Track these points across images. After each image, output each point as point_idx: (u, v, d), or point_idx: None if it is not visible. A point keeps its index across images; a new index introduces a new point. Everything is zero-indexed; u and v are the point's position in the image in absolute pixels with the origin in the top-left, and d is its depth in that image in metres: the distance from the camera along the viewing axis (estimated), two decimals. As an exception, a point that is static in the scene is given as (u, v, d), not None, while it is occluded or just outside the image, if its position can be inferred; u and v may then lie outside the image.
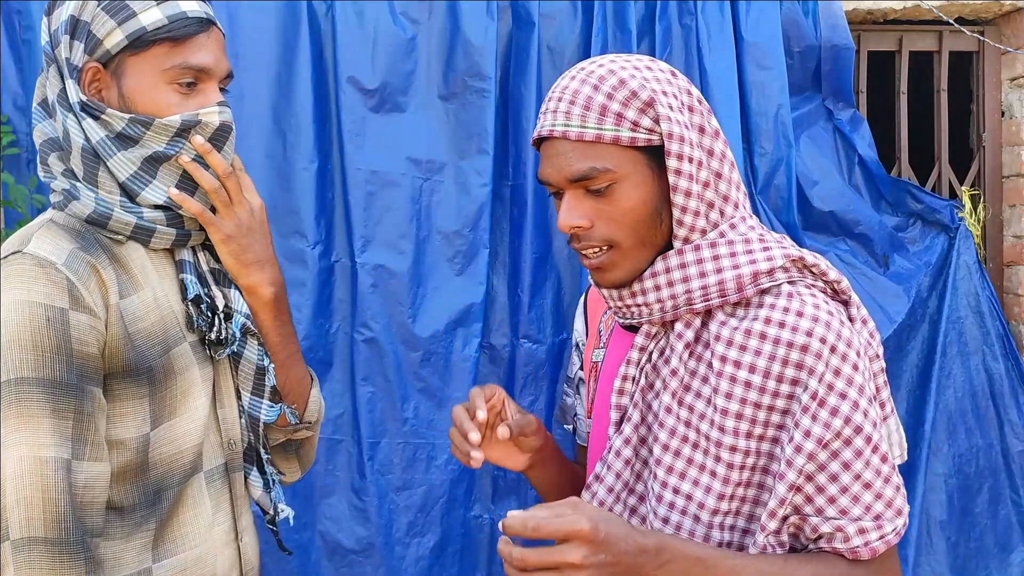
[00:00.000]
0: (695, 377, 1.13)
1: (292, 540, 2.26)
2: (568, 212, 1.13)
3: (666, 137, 1.10)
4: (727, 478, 1.10)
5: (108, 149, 1.20)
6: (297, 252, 2.26)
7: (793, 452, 1.06)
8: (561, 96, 1.14)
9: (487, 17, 2.32)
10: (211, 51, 1.23)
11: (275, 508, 1.36)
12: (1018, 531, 2.58)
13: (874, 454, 1.07)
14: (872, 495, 1.07)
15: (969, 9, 2.64)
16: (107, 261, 1.17)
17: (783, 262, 1.12)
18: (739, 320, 1.12)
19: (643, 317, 1.17)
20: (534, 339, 2.37)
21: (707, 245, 1.13)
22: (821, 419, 1.05)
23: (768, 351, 1.08)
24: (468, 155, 2.34)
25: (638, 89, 1.11)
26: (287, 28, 2.27)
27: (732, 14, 2.42)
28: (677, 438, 1.13)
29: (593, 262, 1.15)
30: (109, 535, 1.15)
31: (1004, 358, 2.59)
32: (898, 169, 2.71)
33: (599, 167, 1.10)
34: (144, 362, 1.16)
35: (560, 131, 1.12)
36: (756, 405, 1.08)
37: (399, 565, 2.22)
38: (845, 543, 1.06)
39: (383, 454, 2.26)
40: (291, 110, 2.27)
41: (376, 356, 2.27)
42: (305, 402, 1.39)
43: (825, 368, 1.06)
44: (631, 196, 1.11)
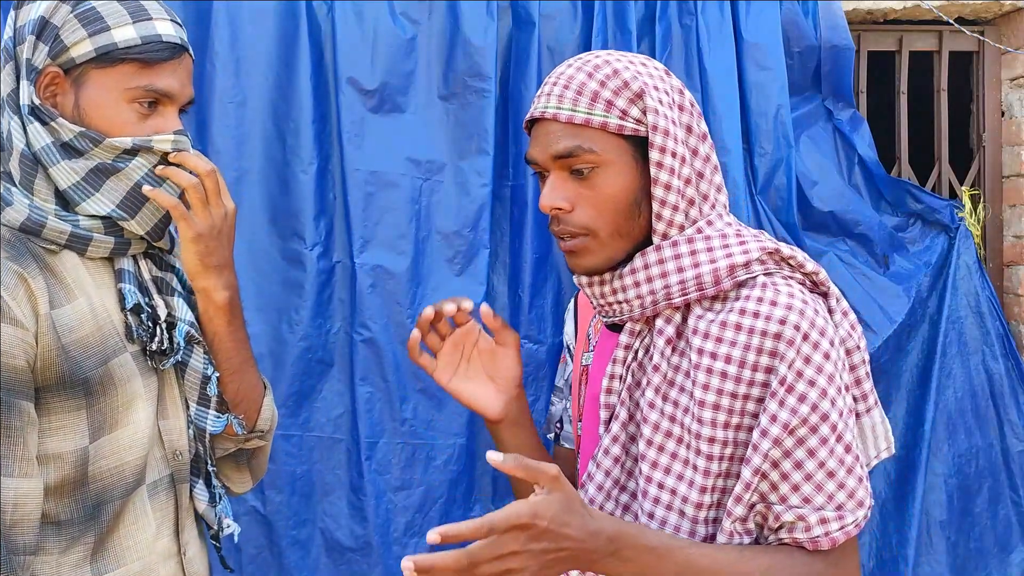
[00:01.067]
0: (678, 372, 1.15)
1: (292, 536, 2.26)
2: (551, 192, 1.16)
3: (651, 129, 1.14)
4: (707, 470, 1.10)
5: (52, 156, 1.17)
6: (296, 254, 2.26)
7: (759, 437, 1.07)
8: (556, 81, 1.17)
9: (487, 17, 2.32)
10: (178, 78, 1.21)
11: (220, 523, 1.33)
12: (1018, 531, 2.58)
13: (838, 443, 1.08)
14: (835, 484, 1.08)
15: (969, 9, 2.64)
16: (37, 270, 1.13)
17: (759, 255, 1.15)
18: (716, 313, 1.14)
19: (624, 315, 1.19)
20: (534, 339, 2.36)
21: (684, 241, 1.15)
22: (788, 405, 1.07)
23: (743, 341, 1.10)
24: (468, 155, 2.34)
25: (630, 80, 1.15)
26: (287, 30, 2.26)
27: (732, 14, 2.42)
28: (661, 433, 1.14)
29: (568, 245, 1.17)
30: (45, 550, 1.12)
31: (1004, 358, 2.59)
32: (898, 169, 2.71)
33: (584, 147, 1.13)
34: (79, 373, 1.13)
35: (551, 113, 1.15)
36: (732, 395, 1.10)
37: (396, 565, 2.22)
38: (806, 532, 1.08)
39: (381, 454, 2.26)
40: (290, 112, 2.26)
41: (375, 356, 2.27)
42: (257, 410, 1.35)
43: (796, 355, 1.08)
44: (613, 183, 1.14)
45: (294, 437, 2.27)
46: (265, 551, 2.25)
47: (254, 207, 2.25)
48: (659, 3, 2.40)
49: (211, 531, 1.34)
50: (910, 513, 2.49)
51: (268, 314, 2.26)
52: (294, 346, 2.27)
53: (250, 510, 2.23)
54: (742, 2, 2.42)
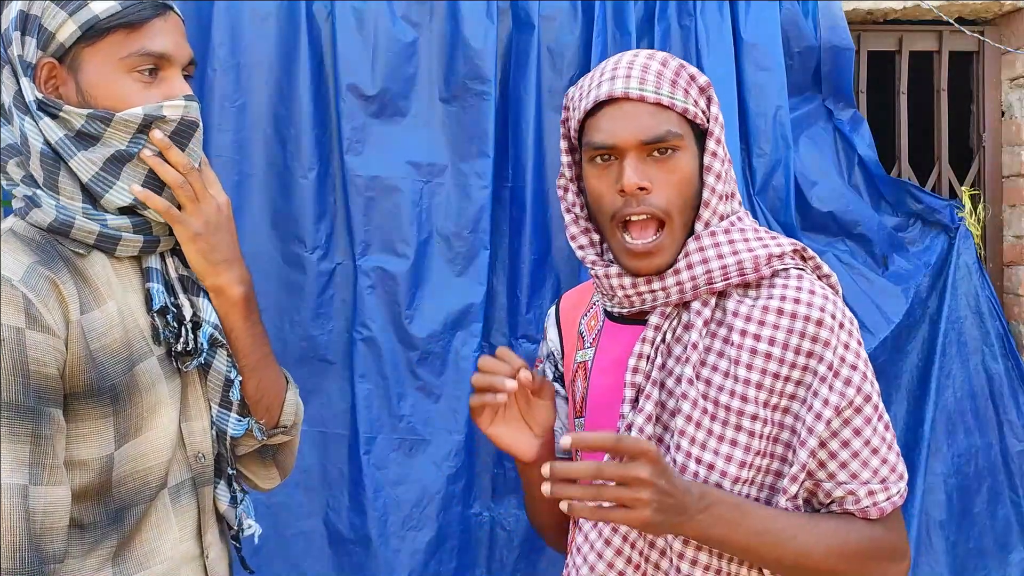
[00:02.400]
0: (711, 352, 1.19)
1: (297, 528, 2.31)
2: (634, 171, 1.16)
3: (713, 120, 1.21)
4: (748, 446, 1.15)
5: (68, 149, 1.15)
6: (296, 257, 2.30)
7: (814, 420, 1.14)
8: (631, 65, 1.20)
9: (487, 20, 2.34)
10: (169, 36, 1.18)
11: (240, 523, 1.32)
12: (1017, 531, 2.58)
13: (879, 421, 1.17)
14: (879, 460, 1.16)
15: (969, 9, 2.64)
16: (68, 275, 1.11)
17: (790, 249, 1.24)
18: (753, 300, 1.19)
19: (657, 302, 1.22)
20: (533, 339, 2.38)
21: (722, 231, 1.21)
22: (836, 389, 1.14)
23: (786, 325, 1.16)
24: (468, 157, 2.36)
25: (695, 75, 1.24)
26: (286, 33, 2.29)
27: (731, 15, 2.43)
28: (698, 409, 1.17)
29: (646, 245, 1.18)
30: (68, 553, 1.10)
31: (1004, 358, 2.59)
32: (898, 169, 2.72)
33: (674, 131, 1.17)
34: (106, 380, 1.11)
35: (637, 93, 1.17)
36: (775, 376, 1.16)
37: (394, 557, 2.26)
38: (856, 504, 1.16)
39: (380, 449, 2.29)
40: (291, 117, 2.29)
41: (374, 354, 2.30)
42: (280, 405, 1.34)
43: (837, 341, 1.16)
44: (687, 166, 1.20)
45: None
46: (270, 542, 2.28)
47: (255, 210, 2.28)
48: (658, 4, 2.42)
49: (232, 531, 1.32)
50: (910, 513, 2.49)
51: (270, 315, 2.29)
52: (295, 345, 2.31)
53: (254, 502, 2.24)
54: (741, 2, 2.43)
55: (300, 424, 1.40)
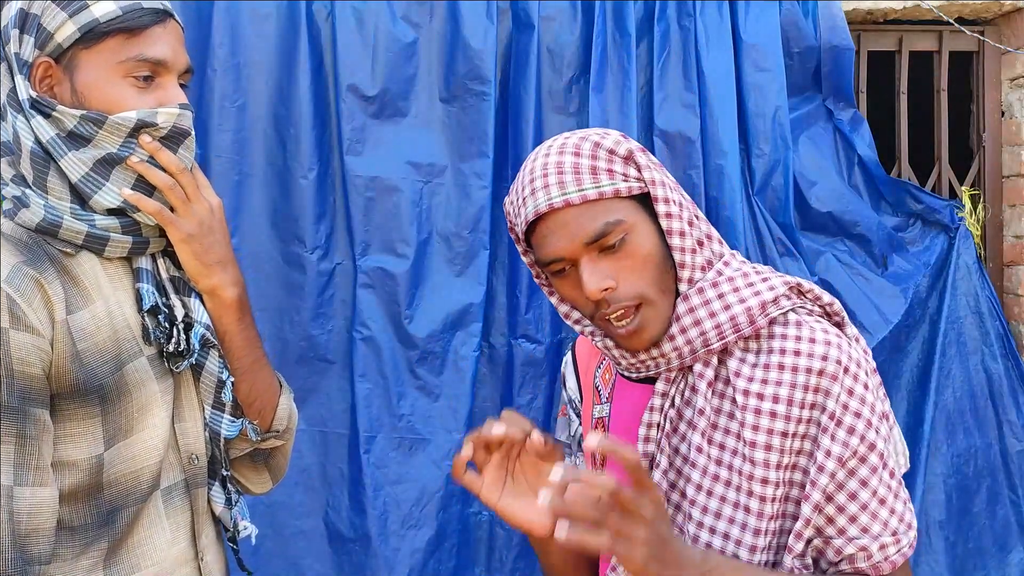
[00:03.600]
0: (720, 415, 1.15)
1: (296, 527, 2.32)
2: (593, 277, 1.12)
3: (650, 184, 1.14)
4: (761, 512, 1.11)
5: (59, 149, 1.14)
6: (296, 257, 2.30)
7: (817, 472, 1.09)
8: (545, 172, 1.14)
9: (487, 20, 2.35)
10: (168, 43, 1.17)
11: (236, 525, 1.30)
12: (1016, 531, 2.58)
13: (885, 470, 1.12)
14: (887, 511, 1.11)
15: (969, 9, 2.64)
16: (54, 275, 1.10)
17: (783, 290, 1.16)
18: (755, 355, 1.15)
19: (660, 368, 1.18)
20: (532, 339, 2.39)
21: (709, 286, 1.16)
22: (839, 439, 1.09)
23: (788, 380, 1.12)
24: (468, 158, 2.37)
25: (613, 147, 1.15)
26: (287, 34, 2.30)
27: (731, 15, 2.43)
28: (709, 477, 1.14)
29: (630, 327, 1.13)
30: (58, 555, 1.09)
31: (1003, 358, 2.59)
32: (898, 169, 2.72)
33: (612, 220, 1.11)
34: (94, 380, 1.10)
35: (560, 201, 1.12)
36: (783, 434, 1.11)
37: (394, 556, 2.26)
38: (868, 561, 1.10)
39: (379, 448, 2.30)
40: (291, 117, 2.30)
41: (374, 354, 2.31)
42: (273, 410, 1.32)
43: (840, 388, 1.11)
44: (643, 243, 1.13)
45: (297, 432, 2.29)
46: (270, 541, 2.29)
47: (255, 211, 2.29)
48: (658, 4, 2.42)
49: (228, 533, 1.31)
50: (909, 513, 2.49)
51: (270, 315, 2.31)
52: (296, 345, 2.31)
53: (255, 501, 2.27)
54: (741, 3, 2.43)
55: (294, 429, 1.38)
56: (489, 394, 2.39)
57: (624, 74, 2.37)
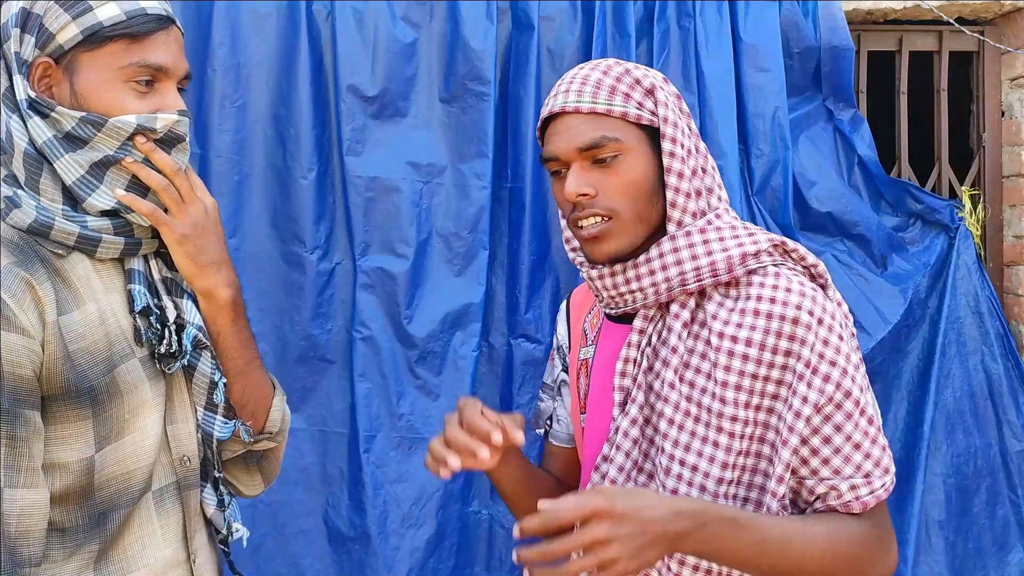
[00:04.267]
0: (693, 355, 1.20)
1: (296, 526, 2.32)
2: (575, 180, 1.19)
3: (662, 121, 1.22)
4: (729, 447, 1.16)
5: (55, 150, 1.14)
6: (296, 257, 2.31)
7: (794, 418, 1.14)
8: (571, 80, 1.23)
9: (487, 20, 2.35)
10: (170, 50, 1.18)
11: (229, 528, 1.29)
12: (1016, 531, 2.58)
13: (862, 416, 1.17)
14: (861, 455, 1.16)
15: (969, 9, 2.64)
16: (45, 276, 1.09)
17: (767, 245, 1.21)
18: (733, 300, 1.20)
19: (637, 303, 1.23)
20: (532, 338, 2.40)
21: (697, 231, 1.21)
22: (815, 386, 1.14)
23: (762, 325, 1.16)
24: (468, 158, 2.37)
25: (641, 78, 1.23)
26: (287, 34, 2.31)
27: (731, 16, 2.44)
28: (680, 412, 1.18)
29: (592, 231, 1.20)
30: (48, 557, 1.09)
31: (1003, 358, 2.59)
32: (898, 169, 2.72)
33: (609, 136, 1.19)
34: (85, 382, 1.09)
35: (572, 106, 1.21)
36: (753, 376, 1.16)
37: (393, 555, 2.27)
38: (838, 499, 1.15)
39: (379, 447, 2.31)
40: (291, 118, 2.31)
41: (373, 353, 2.31)
42: (266, 411, 1.31)
43: (815, 338, 1.15)
44: (634, 168, 1.20)
45: (297, 431, 2.32)
46: (270, 540, 2.30)
47: (255, 211, 2.30)
48: (657, 4, 2.42)
49: (220, 536, 1.30)
50: (909, 513, 2.49)
51: (270, 314, 2.31)
52: (296, 345, 2.32)
53: (255, 501, 2.28)
54: (740, 3, 2.43)
55: (287, 431, 1.37)
56: (488, 393, 2.40)
57: (624, 74, 2.37)
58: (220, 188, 2.27)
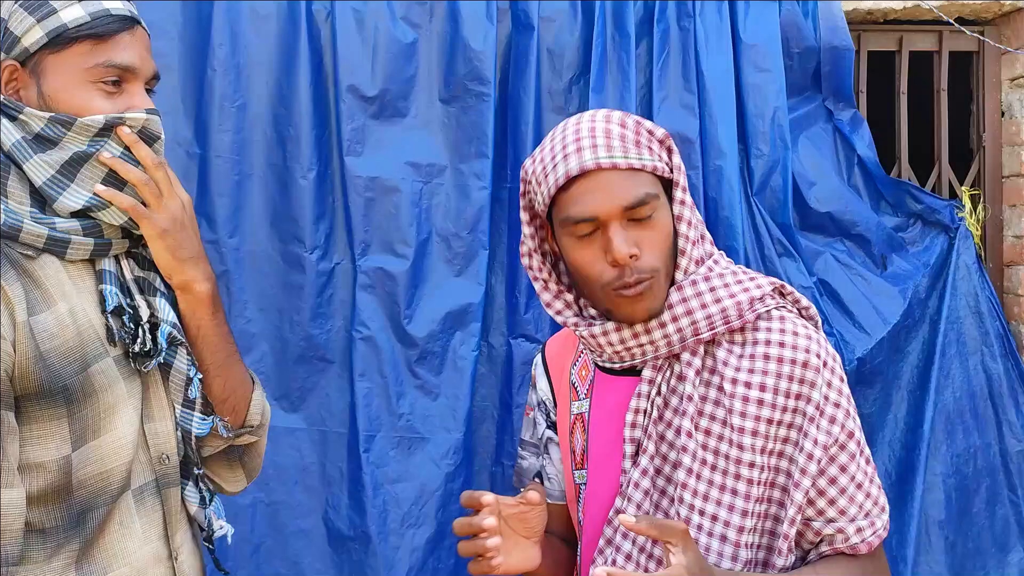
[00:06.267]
0: (707, 402, 1.20)
1: (296, 526, 2.32)
2: (623, 242, 1.15)
3: (676, 170, 1.22)
4: (748, 494, 1.17)
5: (25, 152, 1.14)
6: (295, 257, 2.31)
7: (806, 460, 1.16)
8: (594, 134, 1.18)
9: (487, 20, 2.35)
10: (135, 50, 1.19)
11: (211, 525, 1.30)
12: (1016, 531, 2.58)
13: (861, 456, 1.20)
14: (863, 495, 1.19)
15: (969, 9, 2.64)
16: (14, 277, 1.10)
17: (769, 289, 1.24)
18: (740, 346, 1.21)
19: (646, 356, 1.22)
20: (531, 338, 2.40)
21: (701, 279, 1.22)
22: (823, 427, 1.17)
23: (774, 370, 1.18)
24: (468, 158, 2.37)
25: (653, 129, 1.22)
26: (286, 34, 2.31)
27: (730, 16, 2.43)
28: (698, 461, 1.19)
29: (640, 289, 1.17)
30: (30, 558, 1.09)
31: (1003, 358, 2.59)
32: (898, 169, 2.72)
33: (651, 192, 1.17)
34: (58, 381, 1.10)
35: (608, 162, 1.16)
36: (768, 421, 1.17)
37: (393, 555, 2.27)
38: (845, 542, 1.18)
39: (379, 447, 2.31)
40: (291, 118, 2.31)
41: (373, 353, 2.31)
42: (247, 405, 1.32)
43: (822, 381, 1.18)
44: (667, 222, 1.20)
45: (297, 431, 2.32)
46: (269, 540, 2.30)
47: (255, 211, 2.30)
48: (657, 4, 2.42)
49: (203, 533, 1.31)
50: (909, 513, 2.49)
51: (270, 314, 2.32)
52: (295, 345, 2.32)
53: (255, 501, 2.29)
54: (740, 3, 2.43)
55: (267, 425, 1.38)
56: (488, 393, 2.40)
57: (624, 75, 2.38)
58: (220, 188, 2.27)
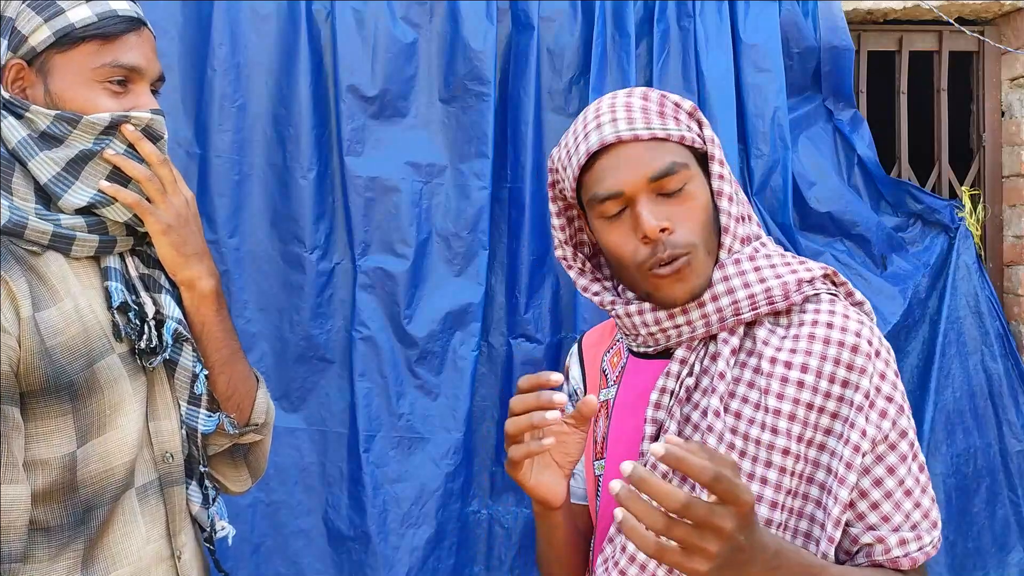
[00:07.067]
0: (740, 383, 1.11)
1: (296, 526, 2.32)
2: (651, 215, 1.08)
3: (709, 142, 1.14)
4: (778, 484, 1.07)
5: (30, 149, 1.15)
6: (295, 257, 2.31)
7: (852, 453, 1.05)
8: (614, 109, 1.13)
9: (487, 20, 2.35)
10: (141, 51, 1.20)
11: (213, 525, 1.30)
12: (1016, 531, 2.58)
13: (914, 461, 1.08)
14: (912, 503, 1.07)
15: (969, 9, 2.64)
16: (19, 273, 1.10)
17: (821, 273, 1.14)
18: (784, 328, 1.12)
19: (683, 337, 1.15)
20: (531, 338, 2.40)
21: (746, 257, 1.13)
22: (872, 420, 1.05)
23: (819, 351, 1.08)
24: (467, 158, 2.37)
25: (680, 101, 1.16)
26: (286, 34, 2.31)
27: (730, 16, 2.44)
28: (724, 445, 1.09)
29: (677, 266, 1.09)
30: (35, 557, 1.09)
31: (1003, 358, 2.59)
32: (898, 169, 2.72)
33: (680, 161, 1.10)
34: (64, 377, 1.10)
35: (630, 134, 1.10)
36: (808, 406, 1.07)
37: (393, 554, 2.27)
38: (886, 554, 1.06)
39: (379, 447, 2.31)
40: (290, 118, 2.31)
41: (373, 353, 2.31)
42: (251, 403, 1.32)
43: (873, 369, 1.07)
44: (702, 193, 1.12)
45: (297, 431, 2.32)
46: (269, 540, 2.30)
47: (255, 211, 2.30)
48: (657, 4, 2.42)
49: (204, 534, 1.31)
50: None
51: (270, 314, 2.32)
52: (295, 345, 2.32)
53: (255, 501, 2.29)
54: (740, 3, 2.43)
55: (272, 424, 1.38)
56: (488, 393, 2.40)
57: (624, 75, 2.38)
58: (220, 188, 2.27)
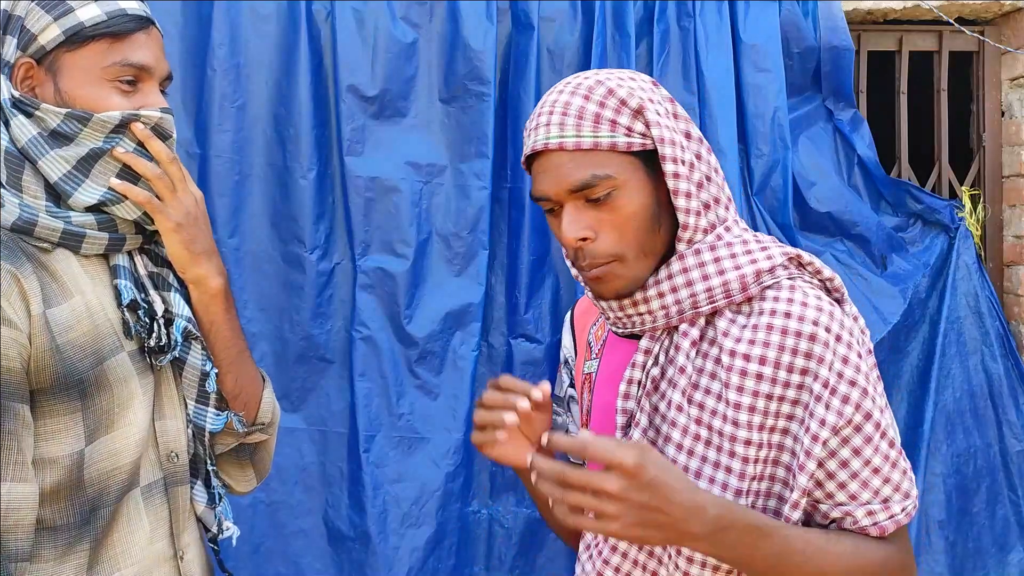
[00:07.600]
0: (703, 375, 1.13)
1: (296, 526, 2.32)
2: (572, 224, 1.12)
3: (658, 142, 1.12)
4: (742, 472, 1.09)
5: (40, 148, 1.16)
6: (296, 257, 2.31)
7: (811, 441, 1.07)
8: (552, 110, 1.14)
9: (487, 20, 2.35)
10: (151, 50, 1.20)
11: (219, 525, 1.30)
12: (1016, 531, 2.58)
13: (882, 439, 1.10)
14: (880, 480, 1.09)
15: (969, 9, 2.64)
16: (30, 270, 1.10)
17: (782, 260, 1.14)
18: (745, 316, 1.13)
19: (645, 325, 1.17)
20: (531, 338, 2.40)
21: (707, 248, 1.14)
22: (834, 407, 1.07)
23: (777, 342, 1.09)
24: (468, 158, 2.37)
25: (627, 97, 1.13)
26: (287, 34, 2.31)
27: (730, 16, 2.44)
28: (690, 436, 1.12)
29: (596, 272, 1.13)
30: (41, 557, 1.09)
31: (1003, 358, 2.59)
32: (898, 169, 2.72)
33: (600, 174, 1.10)
34: (74, 375, 1.10)
35: (555, 143, 1.11)
36: (768, 396, 1.09)
37: (393, 555, 2.27)
38: (854, 525, 1.09)
39: (379, 447, 2.31)
40: (291, 118, 2.31)
41: (373, 353, 2.31)
42: (257, 402, 1.33)
43: (833, 356, 1.08)
44: (632, 202, 1.12)
45: (297, 431, 2.32)
46: (269, 540, 2.30)
47: (255, 211, 2.30)
48: (657, 4, 2.42)
49: (209, 534, 1.31)
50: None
51: (270, 314, 2.32)
52: (295, 345, 2.32)
53: (255, 501, 2.29)
54: (740, 3, 2.43)
55: (277, 423, 1.39)
56: (488, 394, 2.39)
57: (623, 74, 2.37)
58: (220, 188, 2.27)
